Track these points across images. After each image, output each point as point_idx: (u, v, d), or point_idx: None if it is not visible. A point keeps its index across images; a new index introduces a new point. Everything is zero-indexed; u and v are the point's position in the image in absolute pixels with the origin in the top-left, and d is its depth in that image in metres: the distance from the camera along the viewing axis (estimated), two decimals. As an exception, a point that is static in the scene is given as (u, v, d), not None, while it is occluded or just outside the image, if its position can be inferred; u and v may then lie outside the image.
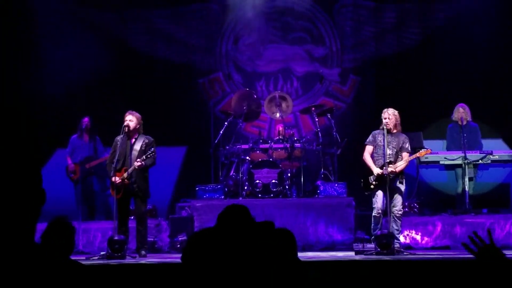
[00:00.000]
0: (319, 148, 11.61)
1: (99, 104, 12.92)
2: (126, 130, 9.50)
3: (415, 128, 11.46)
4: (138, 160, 9.34)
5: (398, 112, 9.52)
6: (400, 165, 9.30)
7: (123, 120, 9.60)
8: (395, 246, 8.94)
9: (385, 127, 9.35)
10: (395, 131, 9.46)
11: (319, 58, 13.89)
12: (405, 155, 9.40)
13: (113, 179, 9.37)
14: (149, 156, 9.40)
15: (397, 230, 9.30)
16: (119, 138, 9.52)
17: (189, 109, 13.54)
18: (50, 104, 13.09)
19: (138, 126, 9.63)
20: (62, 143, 12.33)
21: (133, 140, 9.59)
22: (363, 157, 9.59)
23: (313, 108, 11.92)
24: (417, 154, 9.65)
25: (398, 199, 9.32)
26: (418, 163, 11.31)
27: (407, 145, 9.46)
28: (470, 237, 3.07)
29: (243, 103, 11.90)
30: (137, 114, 9.68)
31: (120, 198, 9.43)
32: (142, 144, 9.53)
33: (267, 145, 11.53)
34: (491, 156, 10.94)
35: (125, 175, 9.35)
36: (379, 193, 9.33)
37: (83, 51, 13.05)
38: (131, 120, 9.57)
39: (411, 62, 13.45)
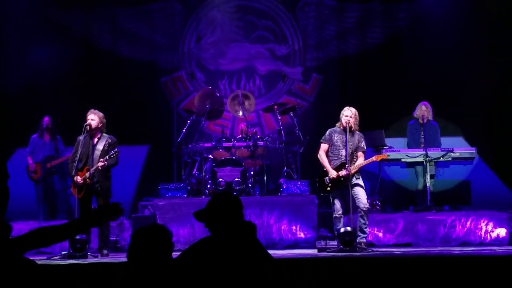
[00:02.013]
0: (282, 146, 11.63)
1: (61, 103, 12.79)
2: (88, 129, 9.44)
3: (377, 126, 11.59)
4: (101, 160, 9.29)
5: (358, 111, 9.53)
6: (355, 167, 9.18)
7: (85, 119, 9.53)
8: (363, 240, 8.99)
9: (347, 126, 9.22)
10: (353, 129, 9.33)
11: (282, 57, 13.93)
12: (360, 154, 9.30)
13: (75, 178, 9.30)
14: (112, 156, 9.35)
15: (365, 224, 9.18)
16: (81, 137, 9.46)
17: (152, 107, 13.50)
18: (11, 103, 12.96)
19: (100, 125, 9.57)
20: (22, 142, 12.18)
21: (96, 139, 9.54)
22: (318, 155, 9.46)
23: (275, 107, 11.90)
24: (373, 158, 9.57)
25: (361, 194, 9.14)
26: (380, 161, 11.38)
27: (363, 144, 9.36)
28: None
29: (205, 102, 11.87)
30: (100, 113, 9.62)
31: (82, 197, 9.39)
32: (105, 144, 9.48)
33: (230, 144, 11.51)
34: (452, 154, 11.03)
35: (87, 174, 9.29)
36: (337, 194, 9.31)
37: (45, 49, 12.93)
38: (93, 119, 9.51)
39: (373, 61, 13.54)
